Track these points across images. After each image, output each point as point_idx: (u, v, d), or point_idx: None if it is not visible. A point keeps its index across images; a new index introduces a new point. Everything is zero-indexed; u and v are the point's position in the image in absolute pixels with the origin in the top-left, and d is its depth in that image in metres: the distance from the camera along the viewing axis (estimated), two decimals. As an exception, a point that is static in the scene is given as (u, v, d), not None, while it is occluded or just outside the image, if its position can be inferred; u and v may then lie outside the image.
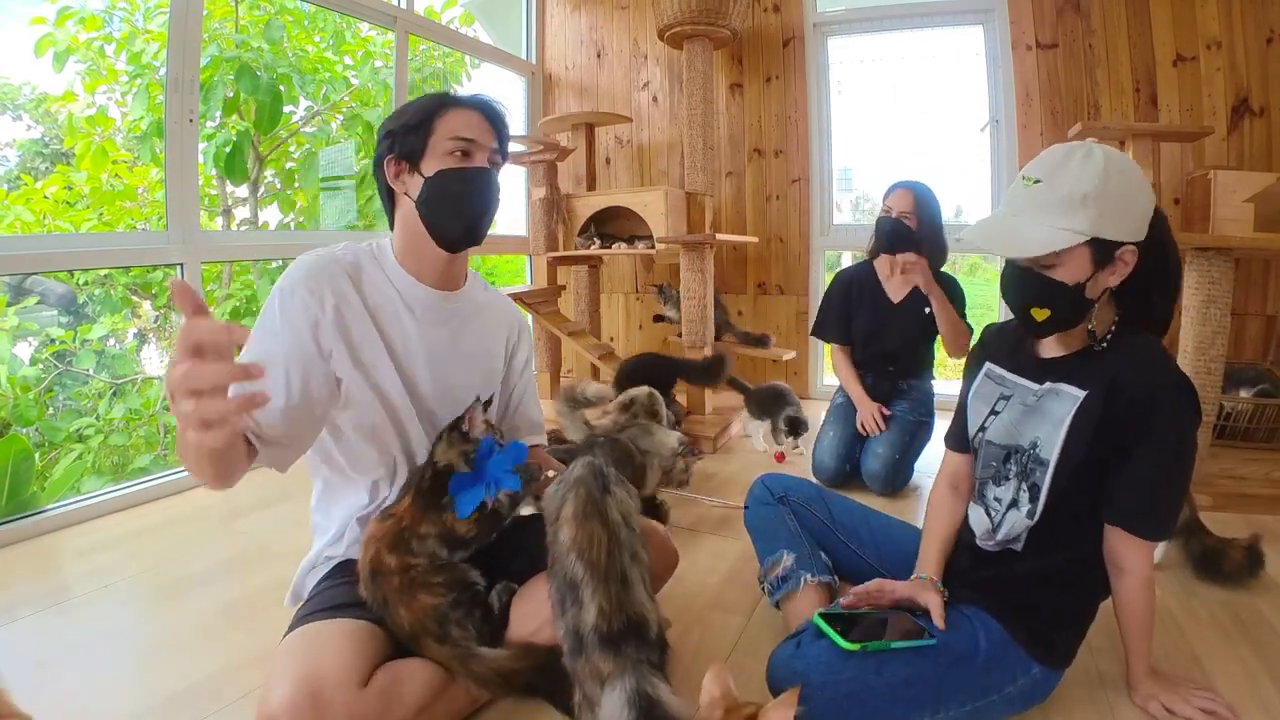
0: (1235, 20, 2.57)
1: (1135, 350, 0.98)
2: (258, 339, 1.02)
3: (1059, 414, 1.00)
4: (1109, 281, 0.96)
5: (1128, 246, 0.93)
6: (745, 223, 3.45)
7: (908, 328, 2.19)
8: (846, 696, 0.90)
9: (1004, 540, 1.06)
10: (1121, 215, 0.91)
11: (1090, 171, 0.90)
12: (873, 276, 2.28)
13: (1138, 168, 0.95)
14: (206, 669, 1.24)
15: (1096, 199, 0.89)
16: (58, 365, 3.08)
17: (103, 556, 1.71)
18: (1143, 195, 0.94)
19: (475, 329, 1.22)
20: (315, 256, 1.08)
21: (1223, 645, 1.23)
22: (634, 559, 0.95)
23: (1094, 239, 0.91)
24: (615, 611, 0.89)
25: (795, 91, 3.28)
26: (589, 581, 0.91)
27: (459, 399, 1.17)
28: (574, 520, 0.95)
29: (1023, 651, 1.01)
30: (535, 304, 2.99)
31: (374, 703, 0.91)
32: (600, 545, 0.93)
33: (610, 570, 0.91)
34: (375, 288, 1.11)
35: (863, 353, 2.30)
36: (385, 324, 1.10)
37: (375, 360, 1.09)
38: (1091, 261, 0.93)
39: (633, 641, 0.88)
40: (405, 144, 1.09)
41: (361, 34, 3.81)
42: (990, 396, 1.13)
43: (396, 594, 1.01)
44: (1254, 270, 2.62)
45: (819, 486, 1.42)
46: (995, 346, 1.18)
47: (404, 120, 1.09)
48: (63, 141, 3.24)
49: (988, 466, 1.11)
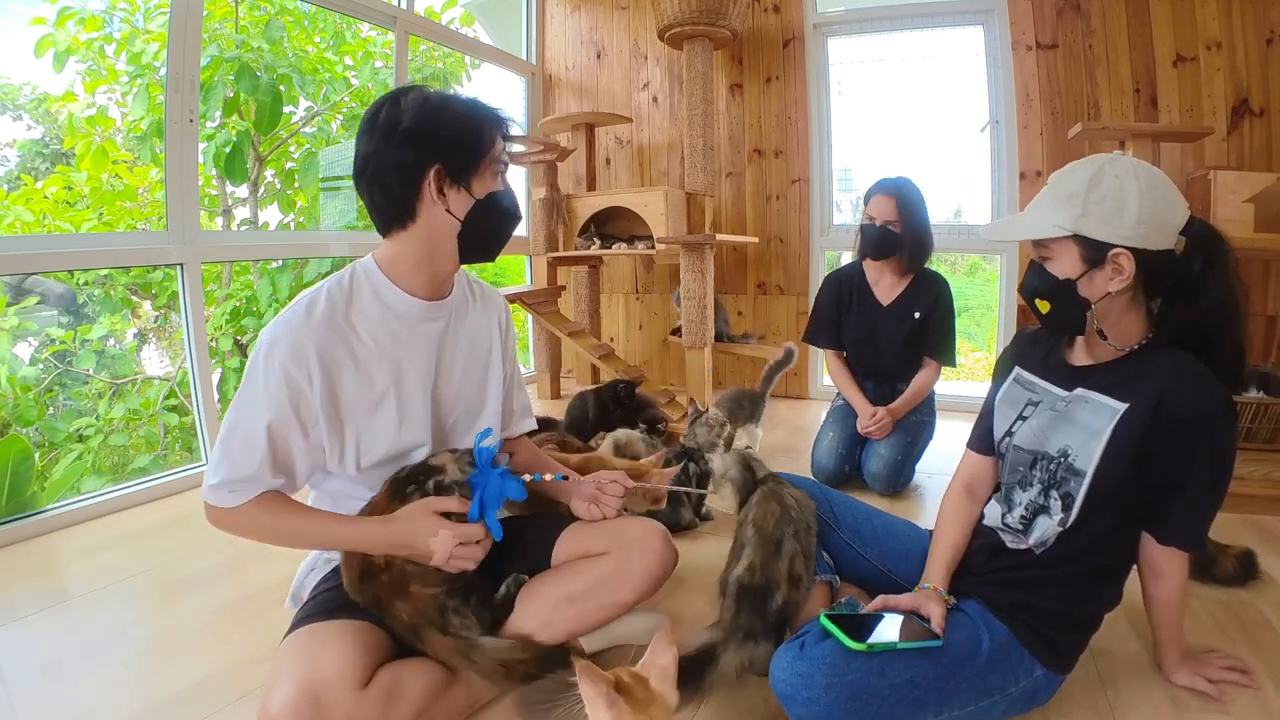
0: (1235, 21, 2.57)
1: (1178, 366, 0.97)
2: (243, 400, 1.01)
3: (1095, 425, 1.00)
4: (1109, 285, 0.97)
5: (1119, 250, 0.95)
6: (745, 223, 3.45)
7: (896, 333, 2.18)
8: (851, 698, 0.90)
9: (1035, 544, 1.06)
10: (1110, 215, 0.94)
11: (1084, 173, 0.96)
12: (862, 278, 2.26)
13: (1156, 180, 0.95)
14: (206, 669, 1.23)
15: (1082, 198, 0.95)
16: (58, 365, 3.08)
17: (103, 556, 1.71)
18: (1146, 202, 0.93)
19: (469, 326, 1.21)
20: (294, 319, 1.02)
21: (1223, 645, 1.23)
22: (796, 536, 1.14)
23: (1080, 236, 0.96)
24: (761, 568, 1.09)
25: (795, 92, 3.28)
26: (753, 541, 1.12)
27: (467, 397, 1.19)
28: (759, 503, 1.19)
29: (1027, 653, 1.01)
30: (535, 304, 2.99)
31: (374, 704, 0.91)
32: (773, 517, 1.15)
33: (771, 536, 1.12)
34: (366, 316, 1.07)
35: (854, 356, 2.30)
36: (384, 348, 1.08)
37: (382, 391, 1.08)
38: (1081, 259, 0.97)
39: (749, 606, 1.06)
40: (456, 161, 1.04)
41: (361, 34, 3.81)
42: (1019, 401, 1.14)
43: (388, 590, 1.01)
44: (1254, 270, 2.62)
45: (821, 485, 1.41)
46: (1027, 352, 1.18)
47: (451, 134, 1.03)
48: (63, 141, 3.23)
49: (1014, 471, 1.11)
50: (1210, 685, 1.09)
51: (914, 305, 2.15)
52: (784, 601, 1.07)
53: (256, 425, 0.99)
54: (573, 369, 3.75)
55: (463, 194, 1.05)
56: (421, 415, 1.12)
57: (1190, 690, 1.11)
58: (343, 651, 0.94)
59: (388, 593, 1.01)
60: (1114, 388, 1.01)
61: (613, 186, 3.67)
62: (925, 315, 2.14)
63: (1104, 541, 1.03)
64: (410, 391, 1.10)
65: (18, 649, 1.32)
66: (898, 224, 2.10)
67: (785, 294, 3.43)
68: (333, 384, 1.03)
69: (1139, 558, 1.07)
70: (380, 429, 1.08)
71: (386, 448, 1.09)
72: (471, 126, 1.05)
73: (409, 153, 1.01)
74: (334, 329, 1.04)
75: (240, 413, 1.01)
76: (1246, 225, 2.05)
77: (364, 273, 1.10)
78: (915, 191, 2.13)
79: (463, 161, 1.04)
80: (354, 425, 1.06)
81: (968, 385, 3.64)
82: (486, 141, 1.06)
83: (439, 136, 1.02)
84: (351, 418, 1.05)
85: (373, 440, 1.08)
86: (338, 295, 1.07)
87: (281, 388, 0.99)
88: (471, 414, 1.21)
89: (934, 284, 2.16)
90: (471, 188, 1.06)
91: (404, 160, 1.01)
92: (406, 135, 1.00)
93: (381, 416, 1.08)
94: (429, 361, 1.13)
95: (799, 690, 0.92)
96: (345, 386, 1.04)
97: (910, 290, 2.18)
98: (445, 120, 1.03)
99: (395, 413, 1.09)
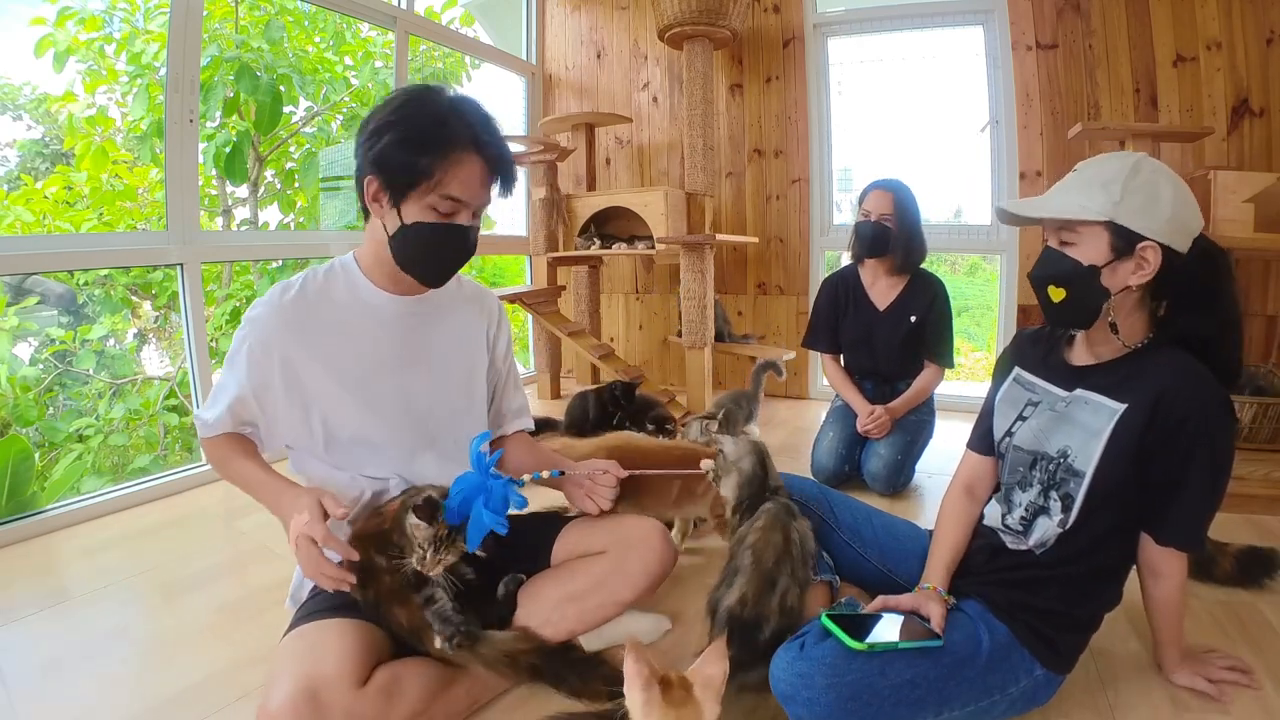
0: (1235, 21, 2.57)
1: (1176, 365, 0.97)
2: (228, 362, 1.09)
3: (1094, 425, 1.00)
4: (1130, 278, 0.97)
5: (1150, 243, 0.94)
6: (745, 223, 3.45)
7: (892, 336, 2.18)
8: (851, 698, 0.90)
9: (1035, 545, 1.06)
10: (1144, 207, 0.94)
11: (1119, 164, 0.96)
12: (857, 280, 2.25)
13: (1183, 184, 0.96)
14: (206, 669, 1.23)
15: (1120, 184, 0.94)
16: (58, 365, 3.08)
17: (103, 556, 1.71)
18: (1177, 202, 0.94)
19: (451, 326, 1.21)
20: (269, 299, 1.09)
21: (1223, 645, 1.23)
22: (792, 574, 1.06)
23: (1113, 224, 0.94)
24: (753, 602, 1.03)
25: (795, 92, 3.28)
26: (747, 571, 1.05)
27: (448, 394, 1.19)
28: (760, 530, 1.10)
29: (1027, 653, 1.01)
30: (535, 304, 2.99)
31: (373, 703, 0.91)
32: (773, 549, 1.07)
33: (767, 572, 1.05)
34: (336, 304, 1.11)
35: (851, 359, 2.30)
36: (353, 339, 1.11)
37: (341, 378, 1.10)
38: (1110, 247, 0.96)
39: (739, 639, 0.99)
40: (392, 175, 1.00)
41: (361, 34, 3.81)
42: (1018, 401, 1.14)
43: (389, 594, 1.01)
44: (1254, 270, 2.61)
45: (821, 485, 1.41)
46: (1027, 352, 1.18)
47: (392, 152, 0.99)
48: (63, 141, 3.23)
49: (1014, 472, 1.11)
50: (1210, 685, 1.10)
51: (910, 309, 2.15)
52: (775, 629, 1.03)
53: (227, 389, 1.09)
54: (573, 369, 3.75)
55: (393, 212, 1.03)
56: (390, 406, 1.13)
57: (1190, 690, 1.11)
58: (342, 650, 0.94)
59: (388, 596, 1.01)
60: (1113, 388, 1.01)
61: (613, 186, 3.67)
62: (921, 318, 2.14)
63: (1104, 542, 1.03)
64: (376, 380, 1.12)
65: (18, 649, 1.32)
66: (893, 220, 2.10)
67: (785, 294, 3.43)
68: (294, 364, 1.07)
69: (1138, 558, 1.07)
70: (345, 412, 1.10)
71: (352, 431, 1.12)
72: (416, 151, 0.98)
73: (360, 154, 1.04)
74: (302, 312, 1.08)
75: (225, 372, 1.10)
76: (1246, 225, 2.04)
77: (341, 266, 1.15)
78: (910, 193, 2.14)
79: (394, 182, 1.01)
80: (319, 406, 1.10)
81: (968, 385, 3.64)
82: (426, 173, 0.99)
83: (382, 149, 0.99)
84: (316, 400, 1.09)
85: (338, 422, 1.11)
86: (311, 282, 1.11)
87: (249, 367, 1.07)
88: (455, 412, 1.21)
89: (929, 286, 2.16)
90: (401, 210, 1.02)
91: (359, 160, 1.04)
92: (365, 135, 1.03)
93: (346, 400, 1.10)
94: (399, 354, 1.14)
95: (799, 690, 0.92)
96: (309, 367, 1.08)
97: (906, 293, 2.17)
98: (397, 134, 0.99)
99: (359, 398, 1.11)
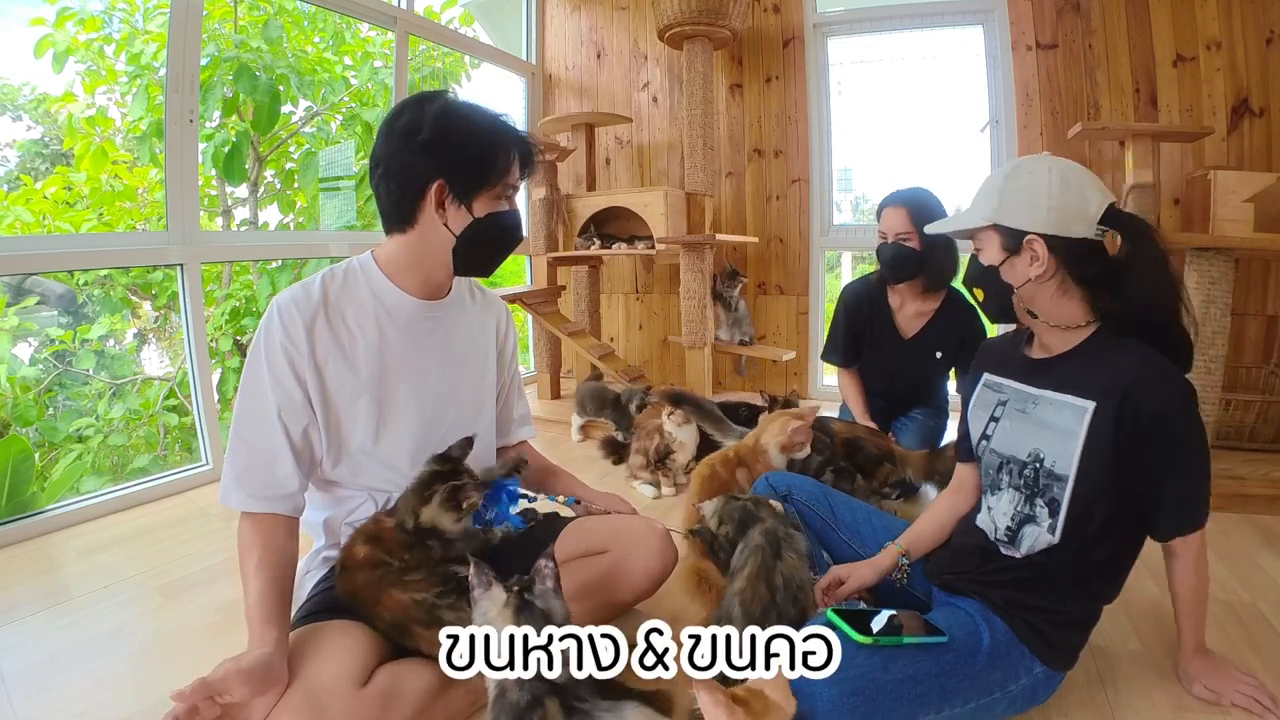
0: (1235, 20, 2.57)
1: (1141, 361, 0.98)
2: (248, 392, 1.04)
3: (1065, 426, 1.01)
4: (1029, 270, 1.03)
5: (1033, 236, 1.01)
6: (745, 223, 3.45)
7: (914, 369, 2.06)
8: (853, 693, 0.90)
9: (1027, 554, 1.06)
10: (1022, 206, 1.02)
11: (1001, 171, 1.07)
12: (884, 301, 2.08)
13: (1076, 175, 1.01)
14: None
15: (998, 190, 1.04)
16: (57, 365, 3.08)
17: (103, 556, 1.71)
18: (1060, 194, 0.99)
19: (464, 328, 1.21)
20: (289, 299, 1.06)
21: (1222, 645, 1.23)
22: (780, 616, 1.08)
23: (998, 226, 1.04)
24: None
25: (795, 92, 3.28)
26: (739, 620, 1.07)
27: (460, 400, 1.18)
28: (748, 578, 1.11)
29: (1026, 650, 1.01)
30: (535, 304, 2.99)
31: (373, 704, 0.91)
32: (761, 602, 1.08)
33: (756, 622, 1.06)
34: (357, 305, 1.10)
35: (867, 379, 2.17)
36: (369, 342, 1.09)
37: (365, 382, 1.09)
38: (1001, 246, 1.05)
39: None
40: (462, 179, 1.04)
41: (361, 34, 3.81)
42: (989, 404, 1.16)
43: (367, 589, 1.01)
44: (1254, 270, 2.61)
45: (822, 485, 1.42)
46: (989, 358, 1.22)
47: (463, 152, 1.03)
48: (63, 142, 3.23)
49: (987, 474, 1.13)
50: (1211, 698, 1.07)
51: (937, 343, 1.99)
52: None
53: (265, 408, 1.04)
54: (573, 369, 3.74)
55: (462, 211, 1.06)
56: (406, 411, 1.12)
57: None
58: (340, 651, 0.94)
59: (365, 592, 1.01)
60: (1075, 384, 1.02)
61: (612, 186, 3.67)
62: (949, 357, 2.00)
63: (1099, 539, 1.03)
64: (392, 386, 1.11)
65: (18, 649, 1.32)
66: (913, 238, 1.90)
67: (785, 294, 3.43)
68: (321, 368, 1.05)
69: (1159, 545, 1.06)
70: (358, 419, 1.09)
71: (360, 439, 1.09)
72: (486, 148, 1.05)
73: (419, 162, 1.03)
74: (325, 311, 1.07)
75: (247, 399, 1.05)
76: (1246, 225, 2.04)
77: (360, 266, 1.12)
78: (932, 200, 1.94)
79: (469, 181, 1.04)
80: (334, 413, 1.07)
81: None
82: (499, 166, 1.06)
83: (451, 152, 1.03)
84: (332, 405, 1.07)
85: (350, 430, 1.09)
86: (330, 282, 1.09)
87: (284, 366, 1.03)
88: (464, 419, 1.21)
89: (960, 325, 1.95)
90: (473, 206, 1.06)
91: (413, 168, 1.03)
92: (421, 145, 1.02)
93: (360, 407, 1.08)
94: (416, 359, 1.14)
95: (801, 685, 0.92)
96: (330, 369, 1.06)
97: (935, 324, 2.01)
98: (461, 137, 1.03)
99: (375, 404, 1.09)
